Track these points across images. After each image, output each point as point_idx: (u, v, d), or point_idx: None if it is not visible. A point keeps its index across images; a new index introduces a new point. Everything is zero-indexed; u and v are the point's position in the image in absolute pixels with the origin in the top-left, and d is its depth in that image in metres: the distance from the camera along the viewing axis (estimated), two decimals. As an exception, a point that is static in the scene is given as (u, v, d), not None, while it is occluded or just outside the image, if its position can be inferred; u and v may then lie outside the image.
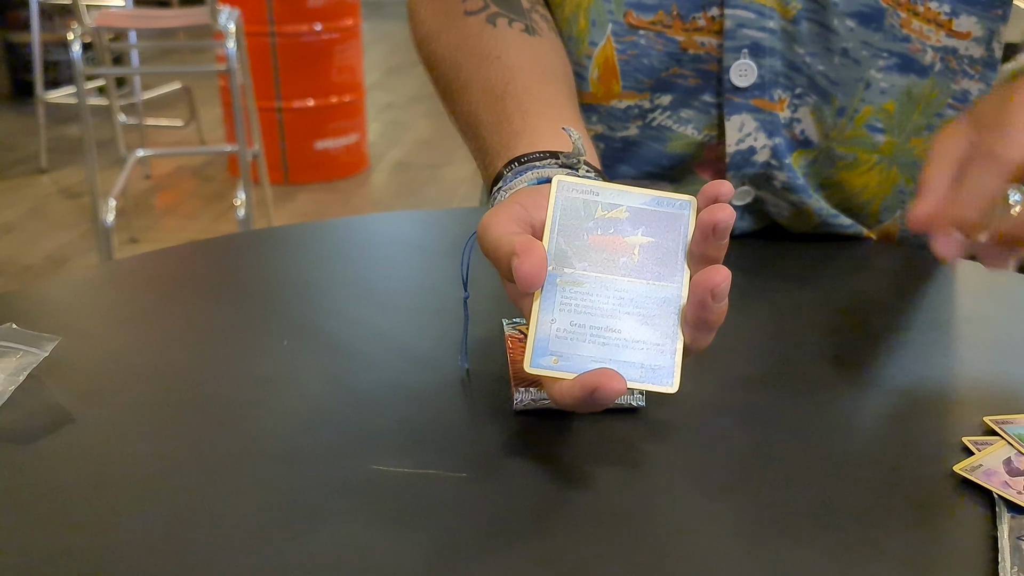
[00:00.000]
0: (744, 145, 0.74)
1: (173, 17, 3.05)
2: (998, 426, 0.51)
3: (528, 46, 0.66)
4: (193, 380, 0.57)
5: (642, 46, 0.71)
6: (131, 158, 3.01)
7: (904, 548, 0.43)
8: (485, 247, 0.48)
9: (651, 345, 0.45)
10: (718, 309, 0.44)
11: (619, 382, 0.42)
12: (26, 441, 0.51)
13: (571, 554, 0.42)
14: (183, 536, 0.43)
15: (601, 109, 0.74)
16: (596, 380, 0.42)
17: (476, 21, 0.67)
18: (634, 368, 0.45)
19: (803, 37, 0.71)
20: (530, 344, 0.45)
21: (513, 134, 0.58)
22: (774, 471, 0.48)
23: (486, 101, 0.63)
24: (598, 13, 0.71)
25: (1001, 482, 0.46)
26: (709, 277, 0.44)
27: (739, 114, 0.73)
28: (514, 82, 0.62)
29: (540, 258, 0.45)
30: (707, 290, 0.44)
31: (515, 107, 0.60)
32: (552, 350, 0.45)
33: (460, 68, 0.67)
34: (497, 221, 0.48)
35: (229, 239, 0.81)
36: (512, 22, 0.67)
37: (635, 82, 0.73)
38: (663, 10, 0.70)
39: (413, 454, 0.49)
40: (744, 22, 0.70)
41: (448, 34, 0.69)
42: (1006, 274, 0.58)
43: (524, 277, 0.44)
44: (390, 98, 5.10)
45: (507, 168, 0.56)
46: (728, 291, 0.44)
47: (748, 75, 0.71)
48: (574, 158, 0.54)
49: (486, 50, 0.65)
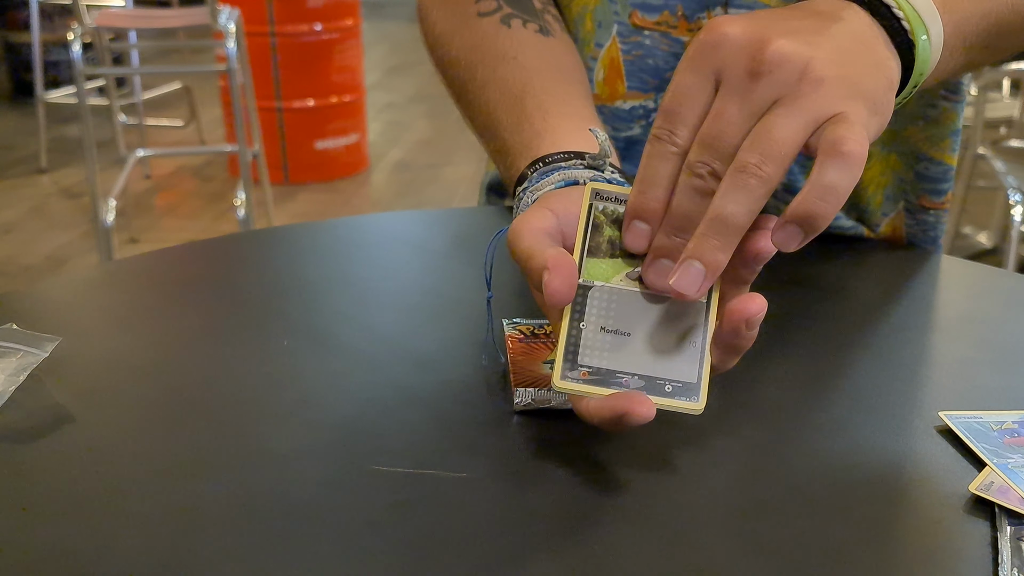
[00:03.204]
0: None
1: (173, 17, 3.06)
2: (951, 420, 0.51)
3: (544, 47, 0.66)
4: (193, 380, 0.57)
5: (647, 47, 0.72)
6: (131, 158, 3.01)
7: (904, 548, 0.43)
8: (517, 255, 0.47)
9: (679, 361, 0.45)
10: (749, 336, 0.44)
11: (648, 407, 0.42)
12: (26, 441, 0.51)
13: (571, 553, 0.42)
14: (183, 536, 0.43)
15: (605, 110, 0.74)
16: (626, 405, 0.42)
17: (490, 22, 0.67)
18: (662, 384, 0.44)
19: None
20: (559, 359, 0.45)
21: (535, 134, 0.58)
22: (774, 471, 0.48)
23: (505, 102, 0.63)
24: (604, 15, 0.71)
25: (1019, 498, 0.45)
26: (745, 307, 0.43)
27: None
28: (532, 83, 0.62)
29: (571, 275, 0.44)
30: (742, 320, 0.43)
31: (535, 107, 0.60)
32: (581, 364, 0.45)
33: (476, 69, 0.67)
34: (530, 229, 0.47)
35: (229, 239, 0.81)
36: (526, 23, 0.67)
37: (640, 82, 0.73)
38: (668, 11, 0.70)
39: (413, 454, 0.49)
40: None
41: (462, 36, 0.69)
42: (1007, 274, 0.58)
43: (554, 294, 0.44)
44: (390, 98, 5.10)
45: (531, 168, 0.56)
46: (762, 320, 0.43)
47: None
48: (600, 159, 0.53)
49: (502, 51, 0.65)
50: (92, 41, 3.16)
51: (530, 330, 0.60)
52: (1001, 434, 0.50)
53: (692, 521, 0.45)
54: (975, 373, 0.58)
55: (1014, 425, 0.51)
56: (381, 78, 5.50)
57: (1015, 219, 2.29)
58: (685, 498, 0.46)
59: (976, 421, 0.51)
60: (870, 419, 0.53)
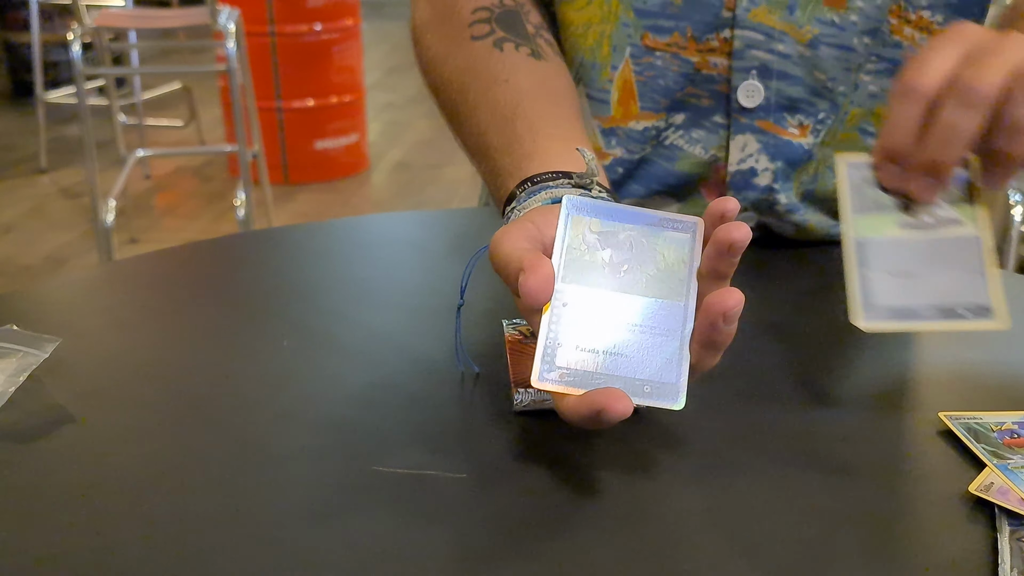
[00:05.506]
0: (745, 166, 0.75)
1: (173, 17, 3.05)
2: (951, 421, 0.51)
3: (535, 69, 0.67)
4: (193, 380, 0.57)
5: (659, 67, 0.73)
6: (131, 158, 3.01)
7: (904, 548, 0.43)
8: (496, 263, 0.48)
9: (658, 363, 0.45)
10: (728, 331, 0.44)
11: (625, 403, 0.42)
12: (26, 441, 0.51)
13: (571, 554, 0.42)
14: (183, 536, 0.43)
15: (620, 131, 0.75)
16: (602, 401, 0.42)
17: (483, 46, 0.68)
18: (640, 385, 0.45)
19: (824, 62, 0.72)
20: (538, 358, 0.45)
21: (524, 155, 0.59)
22: (775, 472, 0.48)
23: (495, 123, 0.63)
24: (619, 38, 0.72)
25: (1019, 499, 0.45)
26: (722, 300, 0.44)
27: (743, 134, 0.74)
28: (523, 104, 0.63)
29: (546, 274, 0.45)
30: (719, 313, 0.44)
31: (525, 129, 0.61)
32: (559, 365, 0.45)
33: (468, 91, 0.67)
34: (509, 238, 0.48)
35: (229, 239, 0.81)
36: (519, 46, 0.68)
37: (652, 102, 0.74)
38: (678, 32, 0.72)
39: (413, 454, 0.49)
40: (753, 43, 0.71)
41: (455, 59, 0.70)
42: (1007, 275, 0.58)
43: (529, 292, 0.44)
44: (390, 98, 5.10)
45: (520, 188, 0.56)
46: (739, 314, 0.44)
47: (755, 96, 0.73)
48: (587, 178, 0.54)
49: (494, 74, 0.66)
50: (92, 41, 3.16)
51: (529, 331, 0.60)
52: (1001, 435, 0.50)
53: (692, 522, 0.45)
54: (975, 374, 0.58)
55: (1014, 426, 0.51)
56: (381, 78, 5.50)
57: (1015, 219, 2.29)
58: (686, 498, 0.46)
59: (976, 422, 0.51)
60: (870, 420, 0.53)
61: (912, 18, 0.71)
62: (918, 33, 0.71)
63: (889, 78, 0.73)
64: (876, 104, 0.74)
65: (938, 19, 0.71)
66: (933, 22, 0.71)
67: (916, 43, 0.72)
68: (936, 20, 0.71)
